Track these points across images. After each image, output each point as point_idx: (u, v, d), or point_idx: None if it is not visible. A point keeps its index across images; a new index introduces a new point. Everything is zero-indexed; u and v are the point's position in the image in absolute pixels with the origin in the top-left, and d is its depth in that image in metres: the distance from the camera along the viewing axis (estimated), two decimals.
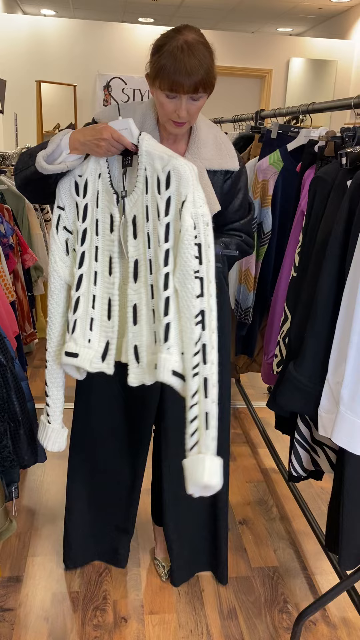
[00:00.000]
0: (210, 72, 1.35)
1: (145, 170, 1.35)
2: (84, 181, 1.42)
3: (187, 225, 1.31)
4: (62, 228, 1.47)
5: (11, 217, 2.88)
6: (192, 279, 1.31)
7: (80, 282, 1.45)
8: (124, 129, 1.34)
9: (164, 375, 1.33)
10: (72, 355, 1.46)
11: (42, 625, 1.72)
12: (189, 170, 1.32)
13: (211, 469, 1.26)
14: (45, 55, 6.59)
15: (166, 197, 1.33)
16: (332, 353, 1.37)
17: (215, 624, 1.75)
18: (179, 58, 1.30)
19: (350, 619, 1.80)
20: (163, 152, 1.33)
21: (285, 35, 7.42)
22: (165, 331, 1.33)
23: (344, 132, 1.55)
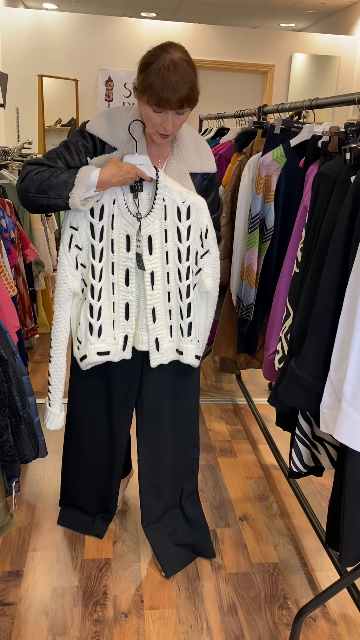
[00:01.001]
0: (194, 88, 1.47)
1: (164, 200, 1.60)
2: (100, 205, 1.61)
3: (214, 248, 1.70)
4: (74, 246, 1.66)
5: (13, 212, 2.87)
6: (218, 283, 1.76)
7: (100, 293, 1.69)
8: (143, 165, 1.55)
9: (189, 359, 1.76)
10: (105, 353, 1.74)
11: (42, 620, 1.72)
12: (203, 204, 1.65)
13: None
14: (47, 50, 6.57)
15: (187, 225, 1.64)
16: (334, 349, 1.37)
17: (215, 620, 1.76)
18: (165, 77, 1.41)
19: (350, 615, 1.80)
20: (181, 189, 1.62)
21: (288, 30, 7.39)
22: (188, 328, 1.73)
23: (347, 127, 1.54)
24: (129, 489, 2.33)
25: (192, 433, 1.96)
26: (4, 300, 2.08)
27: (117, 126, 1.60)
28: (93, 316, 1.69)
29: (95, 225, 1.62)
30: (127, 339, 1.73)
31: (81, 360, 1.75)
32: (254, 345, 2.49)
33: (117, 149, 1.60)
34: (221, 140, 3.19)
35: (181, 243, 1.64)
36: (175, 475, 1.97)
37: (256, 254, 2.27)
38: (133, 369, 1.83)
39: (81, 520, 2.08)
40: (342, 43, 7.10)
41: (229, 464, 2.59)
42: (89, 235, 1.64)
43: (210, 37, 6.89)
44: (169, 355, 1.76)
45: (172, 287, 1.69)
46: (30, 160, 1.59)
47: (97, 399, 1.89)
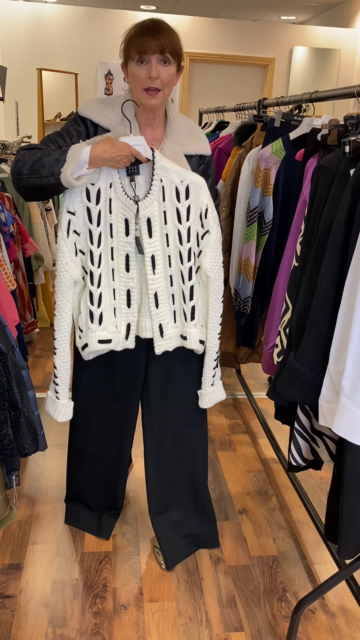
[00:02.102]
0: (175, 41, 1.51)
1: (161, 181, 1.57)
2: (97, 189, 1.57)
3: (214, 228, 1.64)
4: (72, 231, 1.61)
5: (12, 206, 2.87)
6: (221, 268, 1.68)
7: (100, 279, 1.65)
8: (139, 145, 1.52)
9: (193, 344, 1.71)
10: (106, 341, 1.70)
11: (43, 612, 1.73)
12: (202, 183, 1.60)
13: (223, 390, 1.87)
14: (47, 43, 6.54)
15: (187, 206, 1.59)
16: (333, 343, 1.37)
17: (215, 612, 1.76)
18: (144, 28, 1.49)
19: (348, 607, 1.81)
20: (178, 168, 1.58)
21: (288, 23, 7.35)
22: (191, 312, 1.68)
23: (347, 120, 1.54)
24: (129, 482, 2.34)
25: (199, 422, 1.93)
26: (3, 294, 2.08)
27: (109, 108, 1.61)
28: (93, 304, 1.66)
29: (92, 210, 1.59)
30: (129, 328, 1.70)
31: (83, 349, 1.72)
32: (253, 339, 2.49)
33: (110, 130, 1.60)
34: (221, 133, 3.18)
35: (181, 224, 1.60)
36: (183, 465, 1.95)
37: (254, 247, 2.27)
38: (137, 357, 1.80)
39: (87, 520, 2.06)
40: (342, 36, 7.07)
41: (229, 457, 2.60)
42: (86, 220, 1.60)
43: (210, 30, 6.86)
44: (173, 342, 1.73)
45: (174, 271, 1.66)
46: (24, 146, 1.58)
47: (102, 391, 1.87)
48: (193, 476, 1.96)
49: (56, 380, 1.75)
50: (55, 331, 1.70)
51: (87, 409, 1.90)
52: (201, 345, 1.73)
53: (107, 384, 1.86)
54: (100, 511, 2.05)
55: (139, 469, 2.43)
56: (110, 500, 2.04)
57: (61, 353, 1.71)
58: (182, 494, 1.97)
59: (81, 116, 1.61)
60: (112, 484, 2.01)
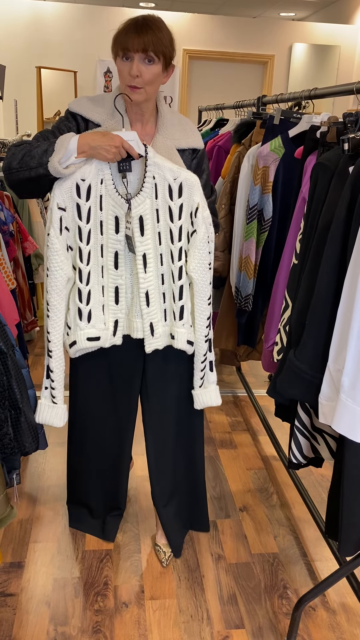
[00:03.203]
0: (163, 41, 1.49)
1: (154, 178, 1.54)
2: (87, 185, 1.53)
3: (203, 228, 1.59)
4: (64, 228, 1.58)
5: (11, 205, 2.87)
6: (207, 270, 1.63)
7: (89, 276, 1.62)
8: (131, 140, 1.49)
9: (182, 345, 1.68)
10: (95, 339, 1.68)
11: (44, 610, 1.73)
12: (196, 181, 1.56)
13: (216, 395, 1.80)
14: (45, 41, 6.53)
15: (179, 204, 1.57)
16: (333, 340, 1.37)
17: (216, 609, 1.77)
18: (132, 25, 1.48)
19: (349, 604, 1.81)
20: (172, 165, 1.55)
21: (287, 20, 7.33)
22: (180, 311, 1.65)
23: (346, 117, 1.53)
24: (129, 480, 2.34)
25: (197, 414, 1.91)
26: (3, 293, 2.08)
27: (99, 104, 1.61)
28: (82, 301, 1.63)
29: (82, 206, 1.55)
30: (117, 324, 1.68)
31: (70, 347, 1.68)
32: (254, 337, 2.49)
33: (101, 125, 1.59)
34: (220, 131, 3.18)
35: (173, 223, 1.58)
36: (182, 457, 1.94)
37: (254, 244, 2.27)
38: (134, 357, 1.78)
39: (91, 523, 2.05)
40: (342, 32, 7.05)
41: (229, 455, 2.60)
42: (75, 217, 1.56)
43: (209, 27, 6.84)
44: (163, 340, 1.70)
45: (165, 269, 1.63)
46: (14, 143, 1.58)
47: (101, 394, 1.85)
48: (192, 466, 1.96)
49: (52, 385, 1.69)
50: (49, 333, 1.64)
51: (85, 413, 1.89)
52: (189, 346, 1.70)
53: (106, 387, 1.84)
54: (104, 514, 2.04)
55: (139, 467, 2.43)
56: (113, 502, 2.03)
57: (56, 355, 1.66)
58: (183, 484, 1.98)
59: (71, 112, 1.61)
60: (115, 485, 2.01)
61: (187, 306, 1.66)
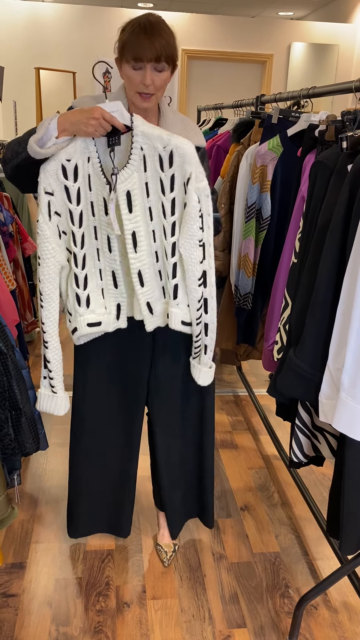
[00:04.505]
0: (171, 44, 1.48)
1: (142, 149, 1.43)
2: (74, 165, 1.46)
3: (194, 200, 1.45)
4: (53, 213, 1.51)
5: (11, 205, 2.87)
6: (197, 247, 1.51)
7: (84, 260, 1.56)
8: (115, 111, 1.41)
9: (176, 325, 1.61)
10: (96, 324, 1.63)
11: (46, 611, 1.73)
12: (189, 148, 1.43)
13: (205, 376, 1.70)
14: (44, 42, 6.53)
15: (170, 175, 1.45)
16: (332, 339, 1.37)
17: (217, 609, 1.77)
18: (142, 30, 1.45)
19: (351, 603, 1.81)
20: (161, 133, 1.43)
21: (286, 19, 7.33)
22: (174, 291, 1.57)
23: (344, 115, 1.53)
24: None
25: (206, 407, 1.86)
26: (3, 294, 2.08)
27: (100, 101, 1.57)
28: (79, 286, 1.57)
29: (71, 188, 1.48)
30: (120, 308, 1.63)
31: (73, 333, 1.65)
32: (253, 336, 2.49)
33: None
34: (219, 131, 3.18)
35: (165, 196, 1.47)
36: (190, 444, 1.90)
37: (253, 243, 2.27)
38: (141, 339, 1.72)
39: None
40: (340, 31, 7.04)
41: (230, 454, 2.60)
42: (65, 200, 1.49)
43: (208, 27, 6.84)
44: (164, 318, 1.64)
45: (159, 246, 1.54)
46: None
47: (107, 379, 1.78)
48: (201, 457, 1.92)
49: (51, 375, 1.65)
50: (43, 324, 1.60)
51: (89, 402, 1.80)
52: (185, 327, 1.62)
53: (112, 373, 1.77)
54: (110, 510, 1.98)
55: (140, 467, 2.43)
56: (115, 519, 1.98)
57: (52, 345, 1.62)
58: (191, 475, 1.94)
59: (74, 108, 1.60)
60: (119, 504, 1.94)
61: (181, 285, 1.57)
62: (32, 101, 6.48)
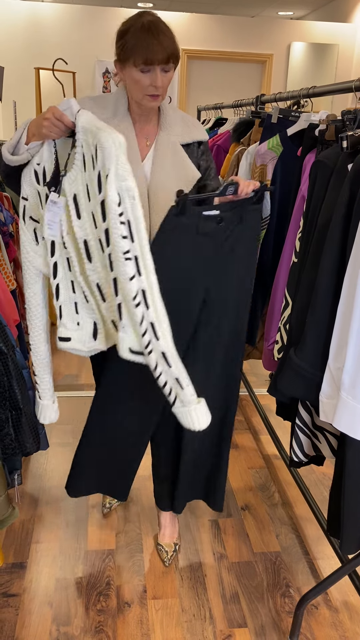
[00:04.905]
0: (176, 43, 1.51)
1: (82, 147, 1.31)
2: (42, 169, 1.41)
3: (111, 201, 1.24)
4: (28, 218, 1.47)
5: (11, 206, 2.87)
6: (123, 261, 1.28)
7: (55, 269, 1.46)
8: (66, 109, 1.33)
9: (123, 353, 1.39)
10: (65, 339, 1.51)
11: (47, 611, 1.73)
12: (111, 141, 1.23)
13: (198, 416, 1.46)
14: (44, 42, 6.53)
15: (97, 173, 1.27)
16: (333, 338, 1.37)
17: (218, 609, 1.77)
18: (147, 33, 1.45)
19: (352, 602, 1.81)
20: (94, 126, 1.27)
21: (286, 19, 7.33)
22: (118, 311, 1.36)
23: (344, 115, 1.53)
24: None
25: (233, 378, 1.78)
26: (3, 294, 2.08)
27: (101, 104, 1.61)
28: (54, 296, 1.48)
29: (41, 192, 1.43)
30: (96, 327, 1.50)
31: None
32: (253, 335, 2.49)
33: None
34: (219, 130, 3.18)
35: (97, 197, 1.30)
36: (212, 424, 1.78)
37: None
38: None
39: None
40: (340, 31, 7.04)
41: (231, 454, 2.60)
42: (39, 206, 1.44)
43: (208, 27, 6.84)
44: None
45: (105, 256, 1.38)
46: None
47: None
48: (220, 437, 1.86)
49: (36, 379, 1.62)
50: (29, 328, 1.56)
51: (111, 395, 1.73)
52: (135, 356, 1.40)
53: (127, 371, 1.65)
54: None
55: (141, 466, 2.42)
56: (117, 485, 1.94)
57: (36, 350, 1.57)
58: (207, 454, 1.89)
59: None
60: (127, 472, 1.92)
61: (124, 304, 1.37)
62: (32, 101, 6.48)
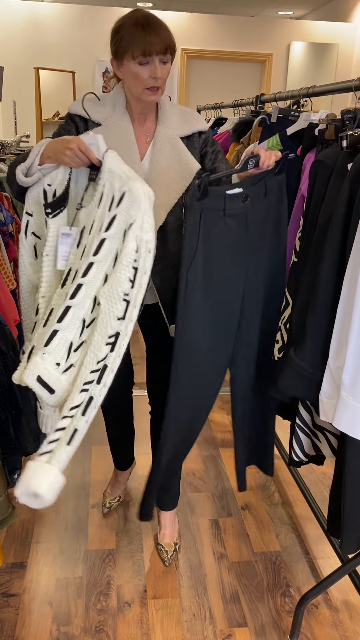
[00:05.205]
0: (172, 36, 1.51)
1: (104, 186, 1.36)
2: (53, 191, 1.43)
3: (130, 247, 1.30)
4: (30, 233, 1.49)
5: (10, 206, 2.87)
6: (120, 300, 1.31)
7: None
8: (92, 144, 1.36)
9: (28, 379, 1.30)
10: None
11: (47, 610, 1.73)
12: (143, 194, 1.30)
13: (53, 484, 1.23)
14: (44, 42, 6.52)
15: (112, 215, 1.32)
16: (333, 338, 1.37)
17: (218, 608, 1.77)
18: (143, 26, 1.47)
19: (352, 602, 1.81)
20: (123, 172, 1.33)
21: (285, 18, 7.32)
22: (49, 336, 1.31)
23: (344, 114, 1.53)
24: (131, 479, 2.34)
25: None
26: (3, 294, 2.08)
27: (100, 103, 1.61)
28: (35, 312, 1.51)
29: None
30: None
31: None
32: None
33: (102, 124, 1.59)
34: (219, 130, 3.18)
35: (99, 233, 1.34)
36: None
37: None
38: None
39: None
40: (340, 30, 7.04)
41: (231, 454, 2.60)
42: (43, 224, 1.46)
43: (208, 27, 6.84)
44: None
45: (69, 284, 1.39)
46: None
47: None
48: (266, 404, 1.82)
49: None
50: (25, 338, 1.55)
51: None
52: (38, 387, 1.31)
53: None
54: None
55: (141, 466, 2.43)
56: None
57: None
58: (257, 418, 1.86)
59: (70, 114, 1.62)
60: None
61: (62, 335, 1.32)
62: (31, 101, 6.48)
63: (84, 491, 2.29)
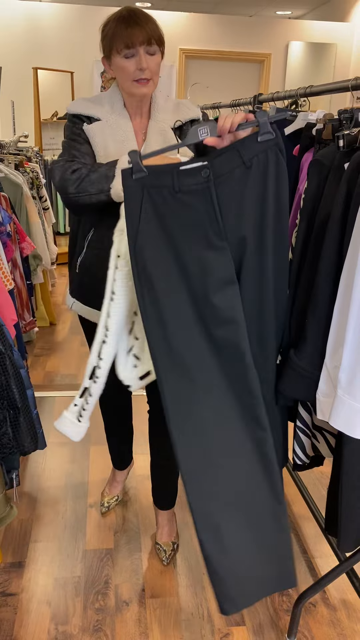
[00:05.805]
0: (158, 27, 1.52)
1: None
2: None
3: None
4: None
5: (8, 205, 2.87)
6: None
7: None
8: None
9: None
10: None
11: (45, 610, 1.73)
12: None
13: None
14: (42, 42, 6.53)
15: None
16: (329, 337, 1.37)
17: (216, 607, 1.77)
18: (126, 20, 1.48)
19: (349, 600, 1.82)
20: None
21: (284, 18, 7.33)
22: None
23: (341, 114, 1.53)
24: (130, 479, 2.35)
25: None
26: (1, 294, 2.08)
27: (98, 102, 1.63)
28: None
29: None
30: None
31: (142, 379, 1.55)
32: None
33: (101, 119, 1.60)
34: None
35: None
36: None
37: None
38: None
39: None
40: (338, 30, 7.05)
41: None
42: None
43: (206, 27, 6.84)
44: None
45: None
46: (57, 160, 1.58)
47: None
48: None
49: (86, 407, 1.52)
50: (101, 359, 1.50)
51: None
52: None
53: None
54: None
55: (139, 466, 2.43)
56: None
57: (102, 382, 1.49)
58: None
59: (73, 114, 1.63)
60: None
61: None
62: (30, 101, 6.48)
63: (83, 491, 2.29)
